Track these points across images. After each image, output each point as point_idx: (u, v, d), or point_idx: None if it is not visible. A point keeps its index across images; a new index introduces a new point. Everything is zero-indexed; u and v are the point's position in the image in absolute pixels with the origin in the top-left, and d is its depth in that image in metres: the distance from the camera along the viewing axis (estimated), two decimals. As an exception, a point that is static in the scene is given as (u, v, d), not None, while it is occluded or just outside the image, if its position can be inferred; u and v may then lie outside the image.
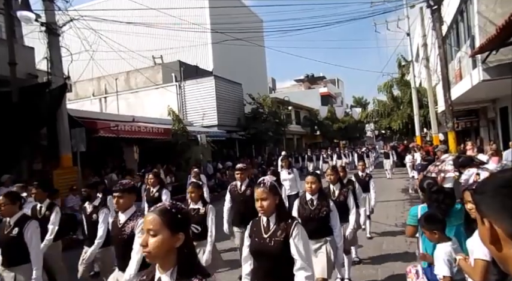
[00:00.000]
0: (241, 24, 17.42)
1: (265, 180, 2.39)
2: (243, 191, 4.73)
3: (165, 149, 13.79)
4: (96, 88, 20.37)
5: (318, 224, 3.39)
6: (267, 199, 2.29)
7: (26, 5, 7.94)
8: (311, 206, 3.45)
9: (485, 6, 8.52)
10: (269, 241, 2.28)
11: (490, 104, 12.90)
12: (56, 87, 8.87)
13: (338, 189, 4.35)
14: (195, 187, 4.01)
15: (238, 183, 4.80)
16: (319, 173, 3.72)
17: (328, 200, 3.53)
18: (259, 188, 2.32)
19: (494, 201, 0.76)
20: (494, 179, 0.81)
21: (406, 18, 18.13)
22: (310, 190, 3.45)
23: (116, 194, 2.94)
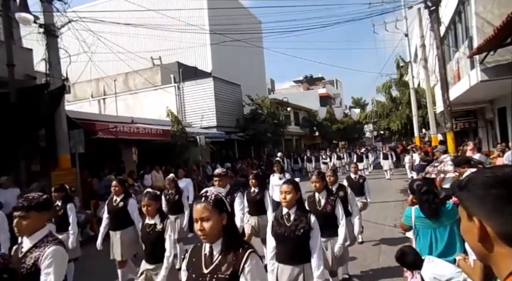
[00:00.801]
0: (239, 25, 17.44)
1: (208, 192, 1.79)
2: None
3: (164, 150, 13.78)
4: (94, 89, 20.35)
5: (294, 245, 2.79)
6: (209, 218, 1.69)
7: (24, 6, 7.92)
8: (287, 222, 2.84)
9: (483, 7, 8.56)
10: (209, 278, 1.69)
11: (488, 105, 12.93)
12: (54, 89, 8.85)
13: (324, 198, 3.84)
14: (151, 199, 3.43)
15: None
16: (295, 181, 3.05)
17: (309, 214, 2.88)
18: (198, 204, 1.73)
19: (484, 201, 0.75)
20: (483, 178, 0.78)
21: (404, 19, 18.17)
22: (285, 202, 2.85)
23: (17, 213, 2.16)
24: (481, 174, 0.80)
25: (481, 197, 0.76)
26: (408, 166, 14.69)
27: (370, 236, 6.65)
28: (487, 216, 0.75)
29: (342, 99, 54.49)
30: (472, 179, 0.81)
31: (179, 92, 18.62)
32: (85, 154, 9.41)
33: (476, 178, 0.80)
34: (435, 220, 2.80)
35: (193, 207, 1.79)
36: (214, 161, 17.07)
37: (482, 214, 0.76)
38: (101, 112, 18.64)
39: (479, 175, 0.80)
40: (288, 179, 3.23)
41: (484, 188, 0.76)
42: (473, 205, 0.78)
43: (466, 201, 0.80)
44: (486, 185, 0.76)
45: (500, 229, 0.73)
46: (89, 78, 17.67)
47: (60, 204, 5.13)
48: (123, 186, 4.90)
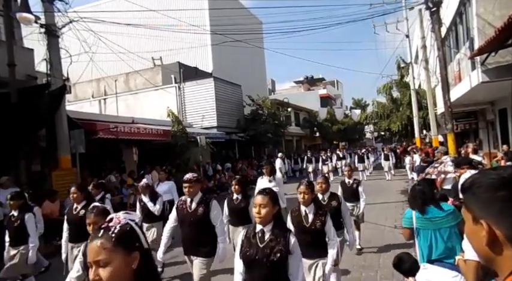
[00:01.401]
0: (240, 25, 17.45)
1: (112, 221, 1.24)
2: (193, 209, 3.62)
3: (165, 150, 13.79)
4: (95, 90, 20.36)
5: (267, 272, 2.23)
6: (108, 262, 1.15)
7: (25, 6, 7.93)
8: (259, 242, 2.28)
9: (484, 9, 8.55)
10: None
11: (489, 106, 12.92)
12: (55, 89, 8.86)
13: (312, 212, 3.23)
14: (99, 215, 2.58)
15: (188, 199, 3.68)
16: (273, 191, 2.49)
17: (288, 234, 2.32)
18: (94, 241, 1.19)
19: (491, 204, 0.73)
20: (488, 180, 0.76)
21: (405, 20, 18.17)
22: (259, 218, 2.29)
23: None
24: (485, 176, 0.78)
25: (488, 200, 0.74)
26: (409, 167, 14.69)
27: (371, 237, 6.65)
28: (494, 219, 0.73)
29: (342, 100, 54.47)
30: (476, 181, 0.78)
31: (180, 93, 18.63)
32: (85, 154, 9.41)
33: (480, 180, 0.77)
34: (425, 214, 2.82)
35: (89, 245, 1.23)
36: (214, 161, 17.08)
37: (489, 217, 0.74)
38: (101, 112, 18.65)
39: (483, 177, 0.78)
40: (263, 189, 2.55)
41: (490, 191, 0.74)
42: (480, 207, 0.76)
43: (471, 204, 0.78)
44: (492, 187, 0.74)
45: (509, 232, 0.71)
46: (89, 78, 17.71)
47: (17, 214, 4.52)
48: (83, 192, 4.26)
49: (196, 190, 3.70)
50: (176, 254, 5.70)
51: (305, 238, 3.08)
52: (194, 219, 3.59)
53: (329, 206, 3.95)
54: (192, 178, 3.69)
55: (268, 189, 2.54)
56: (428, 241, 2.78)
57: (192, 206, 3.65)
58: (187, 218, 3.63)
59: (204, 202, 3.66)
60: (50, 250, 7.15)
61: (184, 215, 3.67)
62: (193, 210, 3.62)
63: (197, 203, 3.66)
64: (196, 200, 3.67)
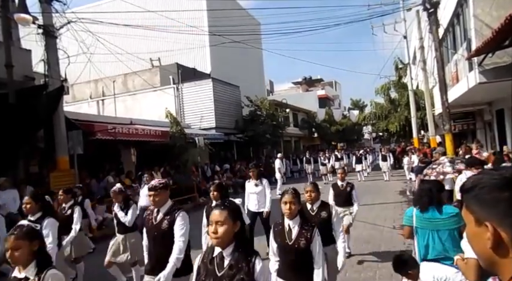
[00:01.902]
0: (239, 26, 17.46)
1: None
2: (158, 221, 3.13)
3: (163, 151, 13.77)
4: (93, 90, 20.32)
5: None
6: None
7: (23, 7, 7.91)
8: (217, 270, 1.90)
9: (481, 10, 8.59)
10: None
11: (487, 107, 12.98)
12: (53, 90, 8.83)
13: (297, 227, 2.71)
14: (22, 239, 2.10)
15: (154, 210, 3.22)
16: (233, 204, 2.07)
17: (254, 259, 1.92)
18: None
19: (496, 205, 0.72)
20: (491, 180, 0.75)
21: (403, 21, 18.25)
22: (216, 238, 1.87)
23: None
24: (487, 176, 0.76)
25: (492, 201, 0.72)
26: (407, 167, 14.71)
27: (369, 237, 6.66)
28: (499, 221, 0.71)
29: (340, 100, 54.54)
30: (478, 182, 0.76)
31: (178, 93, 18.62)
32: (84, 155, 9.39)
33: (483, 181, 0.75)
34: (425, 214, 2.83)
35: None
36: (213, 162, 17.07)
37: (494, 218, 0.72)
38: (99, 113, 18.61)
39: (485, 178, 0.76)
40: (222, 202, 2.14)
41: (494, 192, 0.72)
42: (483, 209, 0.74)
43: (473, 205, 0.76)
44: (496, 188, 0.72)
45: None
46: (87, 79, 17.65)
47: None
48: (37, 202, 3.85)
49: (164, 198, 3.18)
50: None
51: (287, 258, 2.72)
52: (158, 233, 3.10)
53: (318, 218, 3.45)
54: (158, 184, 3.16)
55: (227, 202, 2.11)
56: (426, 240, 2.80)
57: (157, 218, 3.15)
58: (152, 231, 3.17)
59: (171, 213, 3.13)
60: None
61: (149, 228, 3.20)
62: (158, 222, 3.13)
63: (163, 214, 3.15)
64: (163, 211, 3.15)
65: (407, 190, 11.99)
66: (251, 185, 6.00)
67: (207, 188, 14.09)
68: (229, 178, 16.15)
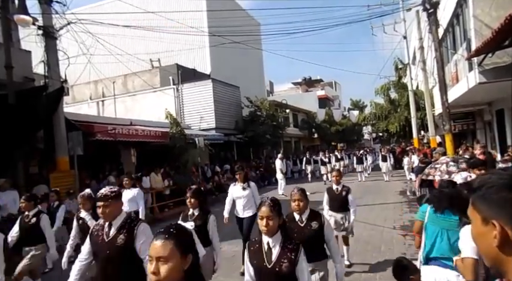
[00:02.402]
0: (238, 27, 17.47)
1: None
2: (111, 237, 2.61)
3: (163, 152, 13.76)
4: (93, 91, 20.32)
5: None
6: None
7: (23, 8, 7.92)
8: None
9: (481, 10, 8.60)
10: None
11: (487, 107, 12.98)
12: (53, 91, 8.84)
13: (279, 245, 2.22)
14: None
15: (105, 224, 2.69)
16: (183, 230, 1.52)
17: None
18: None
19: (504, 205, 0.73)
20: (499, 180, 0.76)
21: (403, 21, 18.26)
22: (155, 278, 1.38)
23: None
24: (495, 176, 0.77)
25: (500, 200, 0.73)
26: (407, 167, 14.72)
27: (369, 238, 6.65)
28: (507, 220, 0.72)
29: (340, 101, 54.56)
30: (486, 182, 0.78)
31: (178, 94, 18.62)
32: (84, 155, 9.38)
33: (490, 181, 0.77)
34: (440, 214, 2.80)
35: None
36: (213, 163, 17.06)
37: (501, 217, 0.73)
38: (99, 114, 18.61)
39: (493, 178, 0.77)
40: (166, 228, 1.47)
41: (502, 191, 0.73)
42: (491, 208, 0.75)
43: (480, 204, 0.77)
44: (504, 188, 0.74)
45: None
46: (87, 80, 17.66)
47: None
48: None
49: (116, 209, 2.64)
50: None
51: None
52: (112, 251, 2.56)
53: (308, 230, 2.98)
54: (109, 193, 2.62)
55: (173, 227, 1.47)
56: (433, 238, 2.78)
57: (110, 233, 2.61)
58: (103, 250, 2.58)
59: (128, 227, 2.60)
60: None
61: (99, 246, 2.62)
62: (112, 238, 2.59)
63: (117, 228, 2.61)
64: (117, 225, 2.62)
65: (408, 190, 11.99)
66: (238, 188, 5.56)
67: (206, 189, 14.11)
68: (230, 179, 16.14)
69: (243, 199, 5.49)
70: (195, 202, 3.70)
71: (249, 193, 5.51)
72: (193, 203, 3.70)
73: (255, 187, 5.69)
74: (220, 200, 13.99)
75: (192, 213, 3.72)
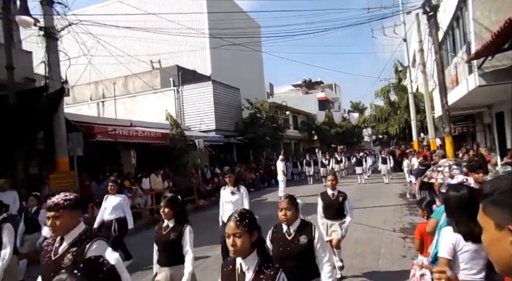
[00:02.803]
0: (239, 29, 17.52)
1: None
2: (59, 255, 2.16)
3: (163, 153, 13.77)
4: (93, 92, 20.34)
5: None
6: None
7: (24, 9, 7.94)
8: None
9: (481, 13, 8.63)
10: None
11: (486, 109, 13.01)
12: (53, 92, 8.85)
13: (254, 269, 1.89)
14: None
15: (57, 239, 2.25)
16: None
17: None
18: None
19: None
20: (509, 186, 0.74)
21: (403, 24, 18.32)
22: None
23: None
24: (507, 181, 0.75)
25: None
26: (406, 170, 14.74)
27: (369, 240, 6.65)
28: None
29: (340, 103, 54.64)
30: (497, 187, 0.76)
31: (178, 96, 18.64)
32: (83, 156, 9.39)
33: (502, 186, 0.75)
34: None
35: None
36: (212, 164, 17.06)
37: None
38: (99, 115, 18.62)
39: (505, 183, 0.75)
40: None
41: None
42: (504, 213, 0.73)
43: (493, 210, 0.75)
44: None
45: None
46: (88, 81, 17.69)
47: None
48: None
49: (69, 222, 2.18)
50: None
51: None
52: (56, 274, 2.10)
53: (296, 244, 2.60)
54: (61, 202, 2.16)
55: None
56: None
57: (58, 251, 2.18)
58: (47, 271, 2.13)
59: (79, 244, 2.16)
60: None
61: (44, 266, 2.19)
62: (58, 257, 2.15)
63: (69, 245, 2.18)
64: (69, 240, 2.18)
65: (407, 192, 11.99)
66: (227, 193, 5.27)
67: (206, 191, 14.10)
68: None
69: (231, 204, 5.18)
70: (170, 212, 3.25)
71: (238, 198, 5.20)
72: (167, 213, 3.25)
73: (246, 191, 5.39)
74: (219, 202, 13.99)
75: (167, 225, 3.27)
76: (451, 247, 2.27)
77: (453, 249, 2.27)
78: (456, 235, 2.26)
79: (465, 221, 2.20)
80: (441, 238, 2.35)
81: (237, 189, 5.30)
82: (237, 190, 5.28)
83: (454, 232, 2.28)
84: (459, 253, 2.26)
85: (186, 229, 3.22)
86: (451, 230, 2.32)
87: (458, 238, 2.25)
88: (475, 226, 2.08)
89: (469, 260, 2.23)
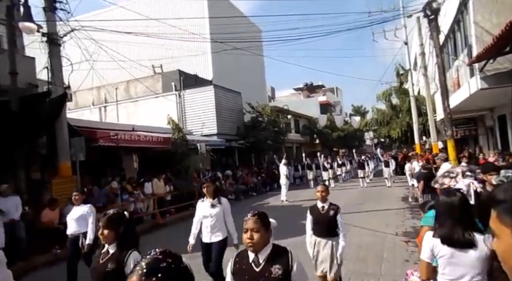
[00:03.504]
0: (240, 33, 17.60)
1: None
2: None
3: (165, 158, 13.79)
4: (96, 97, 20.45)
5: None
6: None
7: (28, 16, 8.02)
8: None
9: (481, 17, 8.64)
10: None
11: (488, 113, 12.97)
12: (56, 97, 8.90)
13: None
14: None
15: None
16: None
17: None
18: None
19: None
20: None
21: (404, 27, 18.33)
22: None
23: None
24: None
25: None
26: (408, 173, 14.69)
27: (372, 244, 6.61)
28: None
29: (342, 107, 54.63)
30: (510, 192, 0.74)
31: (180, 100, 18.70)
32: (85, 161, 9.41)
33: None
34: None
35: None
36: (214, 168, 17.06)
37: None
38: (102, 120, 18.70)
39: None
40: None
41: None
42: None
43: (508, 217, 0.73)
44: None
45: None
46: (90, 86, 17.79)
47: None
48: None
49: None
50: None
51: None
52: None
53: (265, 278, 1.99)
54: None
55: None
56: None
57: None
58: None
59: None
60: (49, 259, 7.12)
61: None
62: None
63: None
64: None
65: (410, 196, 11.93)
66: (205, 205, 4.48)
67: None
68: (231, 185, 16.13)
69: (210, 219, 4.40)
70: (110, 233, 2.45)
71: (218, 212, 4.41)
72: (106, 235, 2.45)
73: (228, 204, 4.60)
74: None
75: (106, 251, 2.50)
76: (429, 251, 2.32)
77: (431, 253, 2.31)
78: (434, 240, 2.30)
79: (448, 225, 2.24)
80: (423, 241, 2.45)
81: (217, 201, 4.45)
82: (218, 202, 4.44)
83: (433, 236, 2.31)
84: (437, 257, 2.29)
85: (130, 257, 2.38)
86: (431, 234, 2.35)
87: (435, 243, 2.29)
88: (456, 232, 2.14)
89: (446, 265, 2.26)
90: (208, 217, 4.43)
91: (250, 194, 16.81)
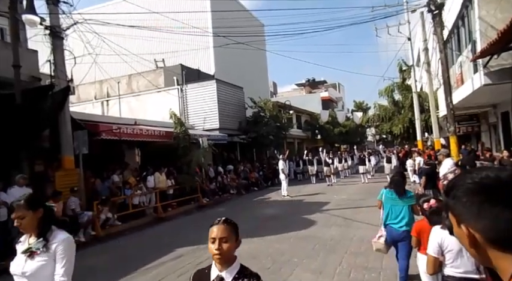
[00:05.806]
0: (242, 28, 17.53)
1: None
2: None
3: (167, 152, 13.83)
4: (98, 91, 20.46)
5: None
6: None
7: (31, 8, 8.01)
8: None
9: (486, 12, 8.58)
10: None
11: (491, 109, 12.92)
12: (59, 90, 8.92)
13: None
14: None
15: None
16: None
17: None
18: None
19: (469, 209, 0.75)
20: (465, 184, 0.77)
21: (407, 23, 18.22)
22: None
23: None
24: (463, 180, 0.78)
25: (466, 204, 0.75)
26: (410, 169, 14.68)
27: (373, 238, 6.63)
28: (473, 223, 0.74)
29: (344, 102, 54.51)
30: (455, 186, 0.79)
31: (182, 94, 18.69)
32: (88, 154, 9.46)
33: (459, 185, 0.78)
34: (389, 195, 4.37)
35: None
36: (216, 163, 17.10)
37: (468, 221, 0.75)
38: (104, 114, 18.73)
39: (462, 181, 0.78)
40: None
41: (468, 195, 0.75)
42: (460, 212, 0.77)
43: (453, 209, 0.79)
44: (469, 192, 0.75)
45: (487, 235, 0.72)
46: (92, 79, 17.79)
47: None
48: None
49: None
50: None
51: None
52: None
53: None
54: None
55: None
56: (387, 210, 4.38)
57: None
58: None
59: None
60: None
61: None
62: None
63: None
64: None
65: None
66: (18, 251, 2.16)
67: (210, 189, 14.15)
68: (233, 179, 16.18)
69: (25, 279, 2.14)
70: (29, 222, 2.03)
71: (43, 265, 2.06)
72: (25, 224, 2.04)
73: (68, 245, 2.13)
74: (223, 201, 14.04)
75: None
76: (437, 246, 2.33)
77: (439, 248, 2.32)
78: (442, 233, 2.30)
79: None
80: (430, 237, 2.55)
81: (42, 242, 2.06)
82: (43, 245, 2.06)
83: (441, 228, 2.33)
84: (445, 251, 2.30)
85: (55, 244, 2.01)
86: (438, 228, 2.36)
87: (444, 237, 2.29)
88: None
89: (455, 258, 2.27)
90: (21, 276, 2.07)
91: (252, 189, 16.86)
